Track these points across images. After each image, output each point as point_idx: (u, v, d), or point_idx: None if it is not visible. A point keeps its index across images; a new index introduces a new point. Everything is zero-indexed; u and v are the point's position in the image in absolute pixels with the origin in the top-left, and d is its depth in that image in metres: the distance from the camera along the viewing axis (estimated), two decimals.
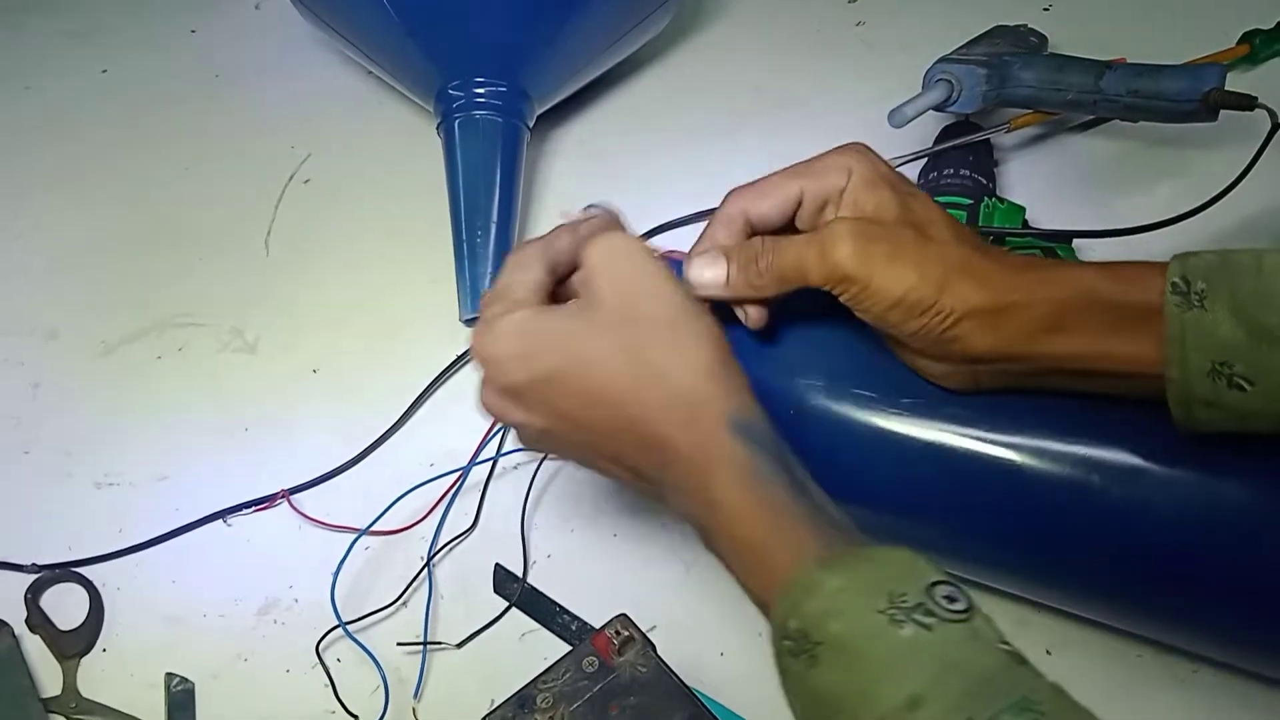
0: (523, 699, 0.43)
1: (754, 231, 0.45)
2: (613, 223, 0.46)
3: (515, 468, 0.60)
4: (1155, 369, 0.39)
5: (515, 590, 0.54)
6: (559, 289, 0.45)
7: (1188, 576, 0.42)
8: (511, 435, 0.60)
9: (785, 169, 0.45)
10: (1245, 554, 0.41)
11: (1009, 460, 0.44)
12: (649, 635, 0.44)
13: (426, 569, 0.56)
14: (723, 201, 0.46)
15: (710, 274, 0.44)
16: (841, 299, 0.42)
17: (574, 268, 0.44)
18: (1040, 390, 0.43)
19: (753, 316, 0.45)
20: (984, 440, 0.44)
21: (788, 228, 0.45)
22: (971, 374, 0.43)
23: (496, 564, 0.49)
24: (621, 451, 0.41)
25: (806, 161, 0.45)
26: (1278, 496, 0.41)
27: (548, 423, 0.42)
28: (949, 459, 0.45)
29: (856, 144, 0.45)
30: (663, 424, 0.39)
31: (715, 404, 0.38)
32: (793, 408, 0.47)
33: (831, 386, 0.47)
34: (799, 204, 0.44)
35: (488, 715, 0.42)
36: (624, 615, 0.45)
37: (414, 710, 0.51)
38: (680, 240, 0.71)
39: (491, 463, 0.60)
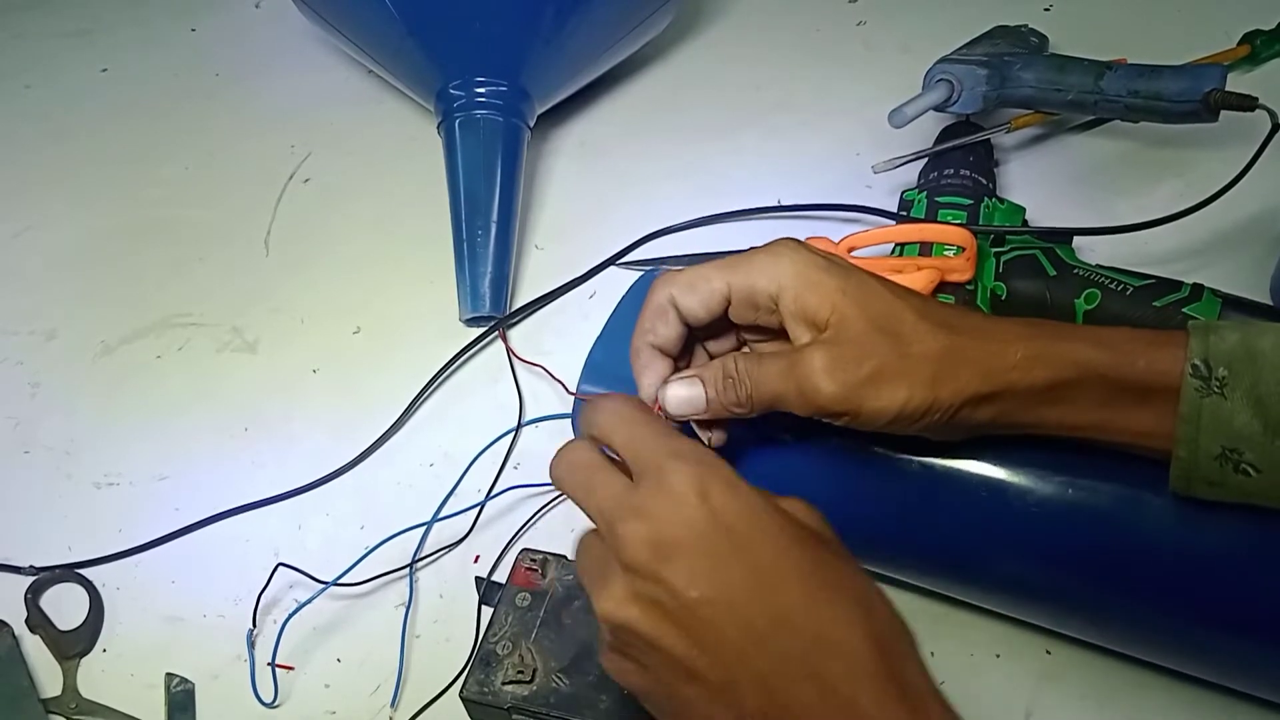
0: (484, 658, 0.43)
1: (687, 323, 0.43)
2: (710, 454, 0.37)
3: (517, 466, 0.61)
4: (1154, 441, 0.39)
5: (498, 596, 0.54)
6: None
7: (1183, 606, 0.42)
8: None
9: (713, 263, 0.42)
10: (1241, 585, 0.41)
11: (1006, 486, 0.44)
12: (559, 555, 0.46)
13: (410, 574, 0.56)
14: (653, 288, 0.43)
15: (687, 396, 0.42)
16: (833, 424, 0.41)
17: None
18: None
19: (715, 439, 0.44)
20: (981, 467, 0.44)
21: (721, 320, 0.43)
22: (966, 430, 0.43)
23: (476, 576, 0.49)
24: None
25: (734, 257, 0.42)
26: (1271, 528, 0.41)
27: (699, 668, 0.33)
28: (946, 486, 0.45)
29: (784, 241, 0.42)
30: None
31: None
32: (788, 435, 0.47)
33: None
34: (727, 301, 0.42)
35: (463, 686, 0.42)
36: (523, 549, 0.47)
37: (390, 717, 0.51)
38: (681, 244, 0.72)
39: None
